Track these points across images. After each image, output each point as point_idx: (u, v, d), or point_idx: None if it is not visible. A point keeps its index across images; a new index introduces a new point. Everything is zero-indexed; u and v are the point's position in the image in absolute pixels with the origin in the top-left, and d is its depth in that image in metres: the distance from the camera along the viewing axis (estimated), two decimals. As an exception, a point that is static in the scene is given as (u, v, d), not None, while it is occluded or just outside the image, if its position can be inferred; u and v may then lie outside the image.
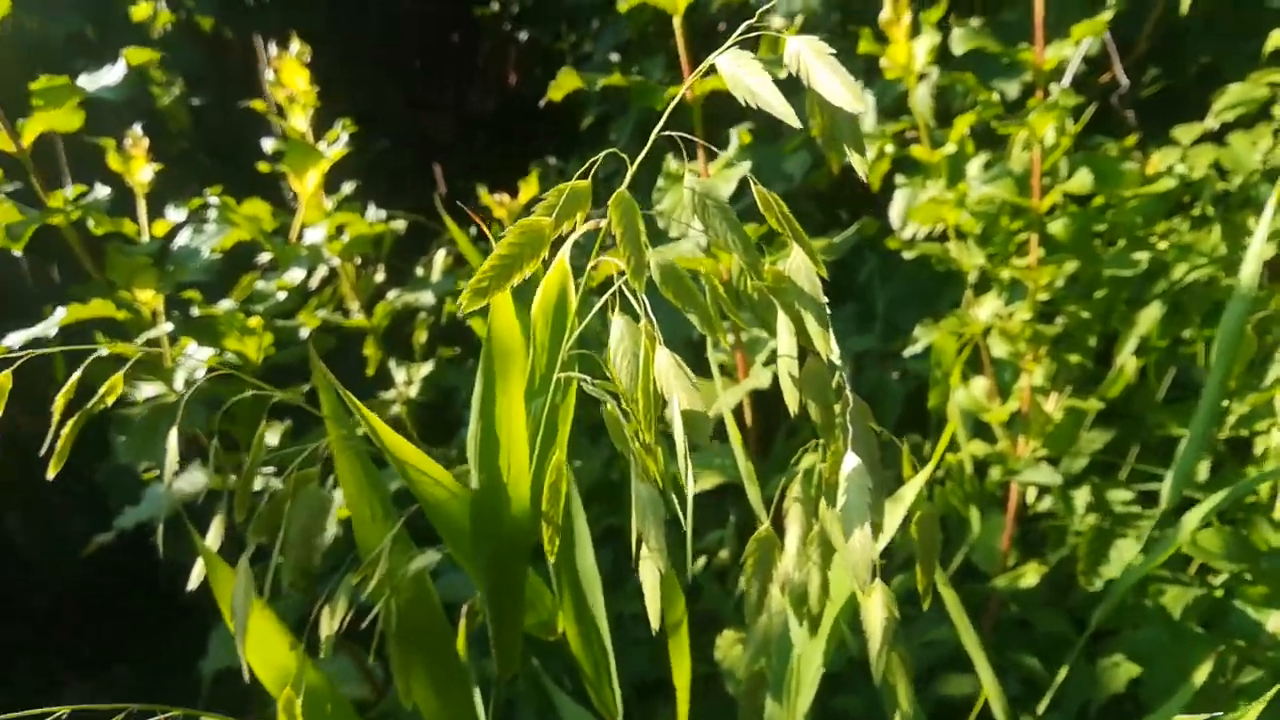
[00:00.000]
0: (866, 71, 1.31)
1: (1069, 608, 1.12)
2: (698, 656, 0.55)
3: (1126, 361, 1.12)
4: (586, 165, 0.38)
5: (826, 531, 0.43)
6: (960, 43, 1.01)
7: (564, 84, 0.84)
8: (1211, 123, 1.47)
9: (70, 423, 0.38)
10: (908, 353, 1.11)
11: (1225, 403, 0.87)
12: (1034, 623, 1.13)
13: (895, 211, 1.23)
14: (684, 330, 1.07)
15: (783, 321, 0.36)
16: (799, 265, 0.35)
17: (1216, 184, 1.09)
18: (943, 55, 1.13)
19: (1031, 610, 1.13)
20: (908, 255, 1.07)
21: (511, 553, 0.43)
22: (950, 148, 0.99)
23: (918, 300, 1.63)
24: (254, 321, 0.88)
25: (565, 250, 0.44)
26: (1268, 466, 0.65)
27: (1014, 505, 1.15)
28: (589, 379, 0.39)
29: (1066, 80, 1.46)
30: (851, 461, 0.33)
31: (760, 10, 0.39)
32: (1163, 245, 1.01)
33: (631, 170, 0.37)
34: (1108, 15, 0.97)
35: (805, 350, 0.37)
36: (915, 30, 0.98)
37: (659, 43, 1.94)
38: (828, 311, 0.35)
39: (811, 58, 0.32)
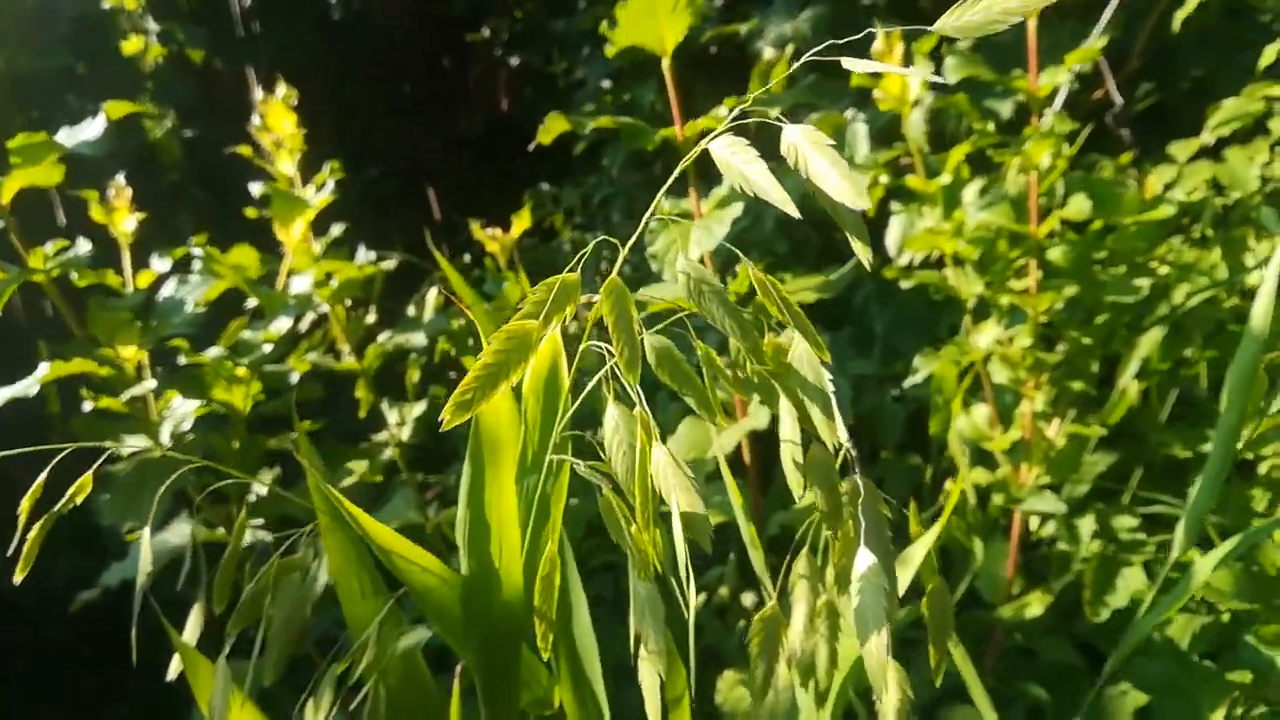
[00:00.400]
0: (858, 97, 1.30)
1: (1075, 635, 1.11)
2: (699, 695, 0.54)
3: (1128, 385, 1.11)
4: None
5: (834, 603, 0.42)
6: (953, 71, 1.00)
7: (553, 128, 0.83)
8: (1207, 138, 1.46)
9: (37, 526, 0.36)
10: (908, 383, 1.09)
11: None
12: (1039, 651, 1.11)
13: (891, 239, 1.22)
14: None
15: (785, 406, 0.35)
16: (802, 354, 0.34)
17: (1215, 204, 1.07)
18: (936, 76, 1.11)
19: (1037, 639, 1.11)
20: (905, 284, 1.06)
21: (504, 638, 0.41)
22: (946, 178, 0.98)
23: (915, 325, 1.62)
24: (241, 370, 0.86)
25: (556, 326, 0.43)
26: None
27: (1017, 533, 1.14)
28: (582, 462, 0.37)
29: (1059, 103, 1.46)
30: (866, 559, 0.31)
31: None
32: (1163, 270, 1.00)
33: (623, 253, 0.36)
34: (1101, 42, 0.95)
35: (809, 435, 0.35)
36: (908, 60, 0.97)
37: (651, 69, 1.93)
38: (834, 401, 0.33)
39: (809, 149, 0.31)
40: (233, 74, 2.47)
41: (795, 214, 0.30)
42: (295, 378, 0.98)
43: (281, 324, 0.94)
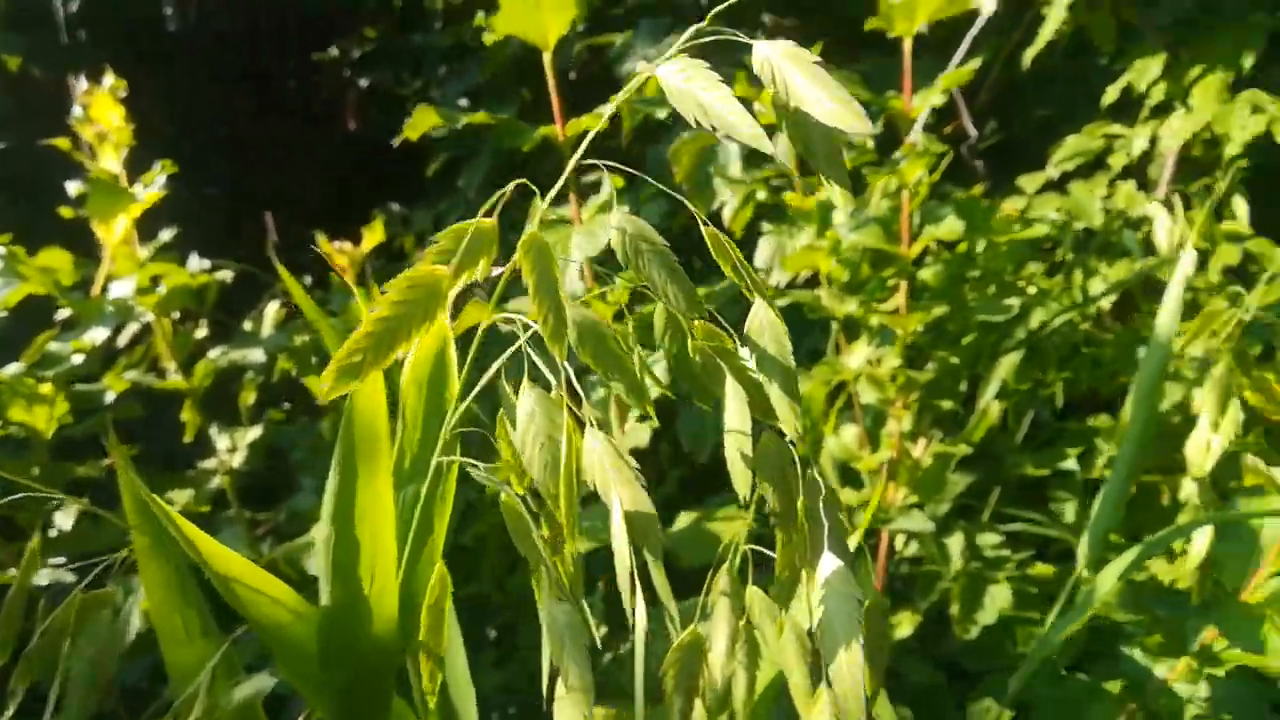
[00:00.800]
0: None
1: (939, 655, 1.10)
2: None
3: (989, 405, 1.12)
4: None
5: (754, 626, 0.36)
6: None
7: (420, 122, 0.76)
8: (1052, 172, 1.52)
9: None
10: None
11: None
12: (904, 672, 1.10)
13: (761, 258, 1.20)
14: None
15: (732, 391, 0.30)
16: (763, 323, 0.28)
17: (1076, 229, 1.10)
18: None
19: (901, 659, 1.10)
20: (780, 303, 1.04)
21: (372, 681, 0.34)
22: (823, 195, 0.96)
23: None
24: (45, 388, 0.75)
25: (464, 284, 0.37)
26: (1181, 518, 0.63)
27: (884, 553, 1.12)
28: (480, 464, 0.31)
29: (918, 130, 1.48)
30: (831, 564, 0.26)
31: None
32: (1031, 290, 1.01)
33: (543, 206, 0.30)
34: (975, 63, 0.96)
35: (759, 424, 0.30)
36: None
37: (513, 89, 1.88)
38: (797, 379, 0.28)
39: (789, 66, 0.25)
40: (54, 81, 2.27)
41: (769, 149, 0.25)
42: (110, 396, 0.86)
43: (96, 334, 0.83)
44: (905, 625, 1.02)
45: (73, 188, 1.00)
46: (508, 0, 0.73)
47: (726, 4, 0.29)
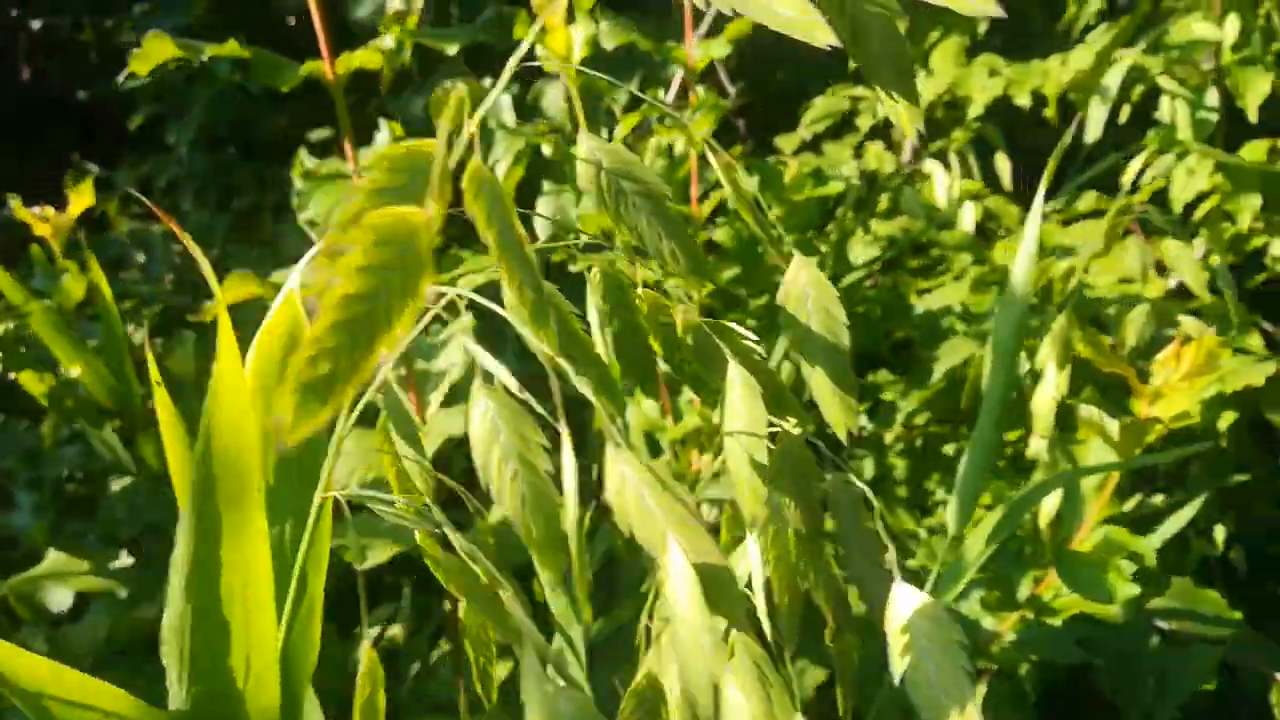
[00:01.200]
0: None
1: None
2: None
3: (780, 365, 1.12)
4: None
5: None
6: (609, 36, 0.93)
7: (153, 53, 0.63)
8: (804, 133, 1.55)
9: None
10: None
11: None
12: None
13: (540, 222, 1.13)
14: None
15: (737, 378, 0.23)
16: (804, 289, 0.22)
17: (857, 186, 1.11)
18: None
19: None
20: (574, 269, 0.97)
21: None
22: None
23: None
24: None
25: (296, 271, 0.27)
26: (1035, 475, 0.64)
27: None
28: (397, 499, 0.23)
29: (673, 93, 1.46)
30: (911, 599, 0.21)
31: None
32: (824, 248, 1.01)
33: (475, 116, 0.21)
34: (747, 23, 0.93)
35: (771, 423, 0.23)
36: (570, 17, 0.88)
37: (228, 32, 1.66)
38: (849, 362, 0.22)
39: None
40: None
41: (827, 42, 0.19)
42: None
43: None
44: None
45: None
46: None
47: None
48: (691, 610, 0.18)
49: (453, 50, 0.71)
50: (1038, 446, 0.58)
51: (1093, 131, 0.99)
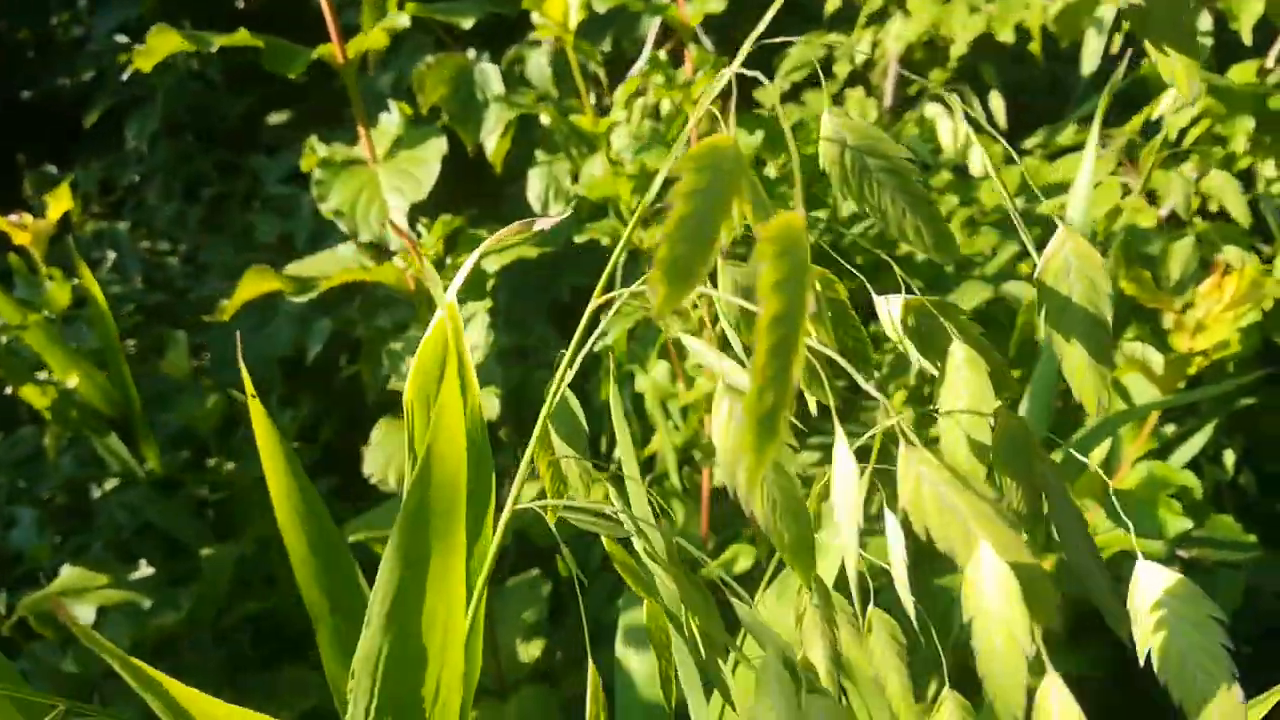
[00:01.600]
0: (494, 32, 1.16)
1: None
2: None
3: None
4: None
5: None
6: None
7: (158, 47, 0.59)
8: (783, 84, 1.53)
9: None
10: (599, 345, 0.99)
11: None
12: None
13: (535, 193, 1.11)
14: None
15: (960, 354, 0.22)
16: (1068, 259, 0.21)
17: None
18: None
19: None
20: (579, 239, 0.95)
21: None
22: (619, 114, 0.88)
23: (535, 290, 1.53)
24: None
25: (453, 286, 0.26)
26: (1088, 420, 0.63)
27: (707, 490, 1.10)
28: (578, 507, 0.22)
29: (645, 54, 1.43)
30: (1161, 578, 0.20)
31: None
32: (830, 201, 0.99)
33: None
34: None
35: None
36: (565, -19, 0.85)
37: (182, 15, 1.61)
38: (1110, 336, 0.21)
39: None
40: None
41: None
42: None
43: None
44: (744, 559, 0.99)
45: None
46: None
47: None
48: (1008, 608, 0.17)
49: (468, 24, 0.68)
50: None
51: (1088, 64, 0.99)
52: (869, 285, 0.30)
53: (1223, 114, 1.00)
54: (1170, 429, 0.98)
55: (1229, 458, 1.02)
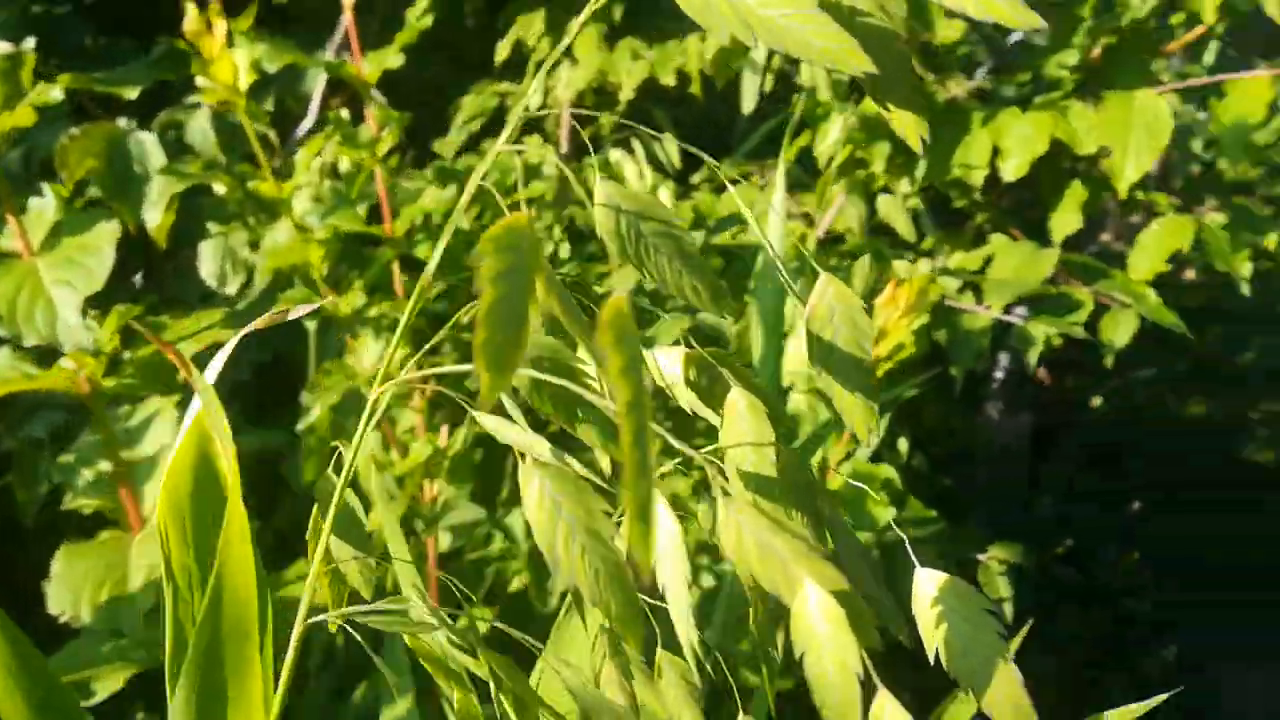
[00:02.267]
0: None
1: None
2: None
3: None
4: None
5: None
6: (271, 58, 0.86)
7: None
8: (457, 137, 1.53)
9: None
10: (301, 426, 0.93)
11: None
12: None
13: (209, 270, 1.03)
14: None
15: (740, 400, 0.22)
16: (832, 304, 0.21)
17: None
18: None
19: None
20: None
21: None
22: (302, 176, 0.84)
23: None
24: None
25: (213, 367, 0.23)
26: (803, 430, 0.67)
27: (433, 554, 1.06)
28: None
29: (313, 112, 1.39)
30: (931, 578, 0.21)
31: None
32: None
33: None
34: (428, 21, 0.91)
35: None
36: (229, 40, 0.80)
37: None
38: (874, 375, 0.22)
39: None
40: None
41: (861, 69, 0.18)
42: None
43: None
44: (481, 626, 0.97)
45: None
46: None
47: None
48: (837, 634, 0.18)
49: (133, 94, 0.62)
50: (797, 400, 0.62)
51: (748, 102, 1.07)
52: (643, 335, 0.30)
53: (862, 140, 1.12)
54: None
55: (903, 445, 1.14)
